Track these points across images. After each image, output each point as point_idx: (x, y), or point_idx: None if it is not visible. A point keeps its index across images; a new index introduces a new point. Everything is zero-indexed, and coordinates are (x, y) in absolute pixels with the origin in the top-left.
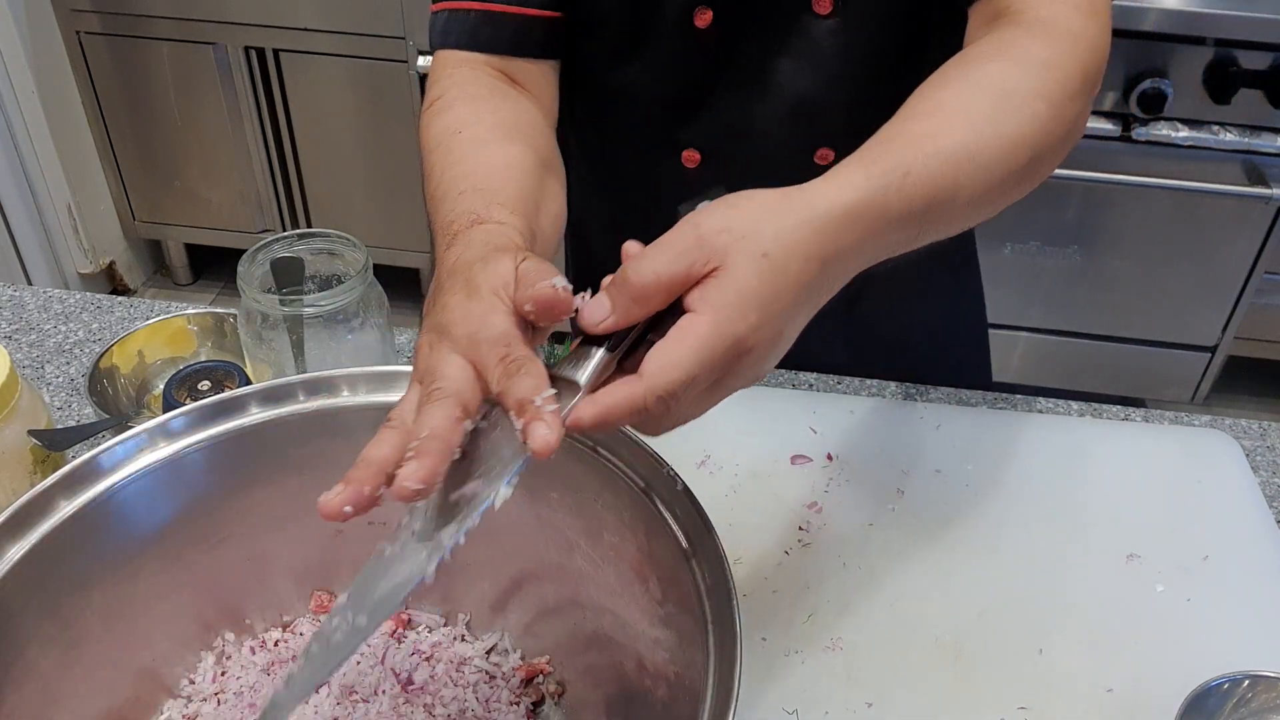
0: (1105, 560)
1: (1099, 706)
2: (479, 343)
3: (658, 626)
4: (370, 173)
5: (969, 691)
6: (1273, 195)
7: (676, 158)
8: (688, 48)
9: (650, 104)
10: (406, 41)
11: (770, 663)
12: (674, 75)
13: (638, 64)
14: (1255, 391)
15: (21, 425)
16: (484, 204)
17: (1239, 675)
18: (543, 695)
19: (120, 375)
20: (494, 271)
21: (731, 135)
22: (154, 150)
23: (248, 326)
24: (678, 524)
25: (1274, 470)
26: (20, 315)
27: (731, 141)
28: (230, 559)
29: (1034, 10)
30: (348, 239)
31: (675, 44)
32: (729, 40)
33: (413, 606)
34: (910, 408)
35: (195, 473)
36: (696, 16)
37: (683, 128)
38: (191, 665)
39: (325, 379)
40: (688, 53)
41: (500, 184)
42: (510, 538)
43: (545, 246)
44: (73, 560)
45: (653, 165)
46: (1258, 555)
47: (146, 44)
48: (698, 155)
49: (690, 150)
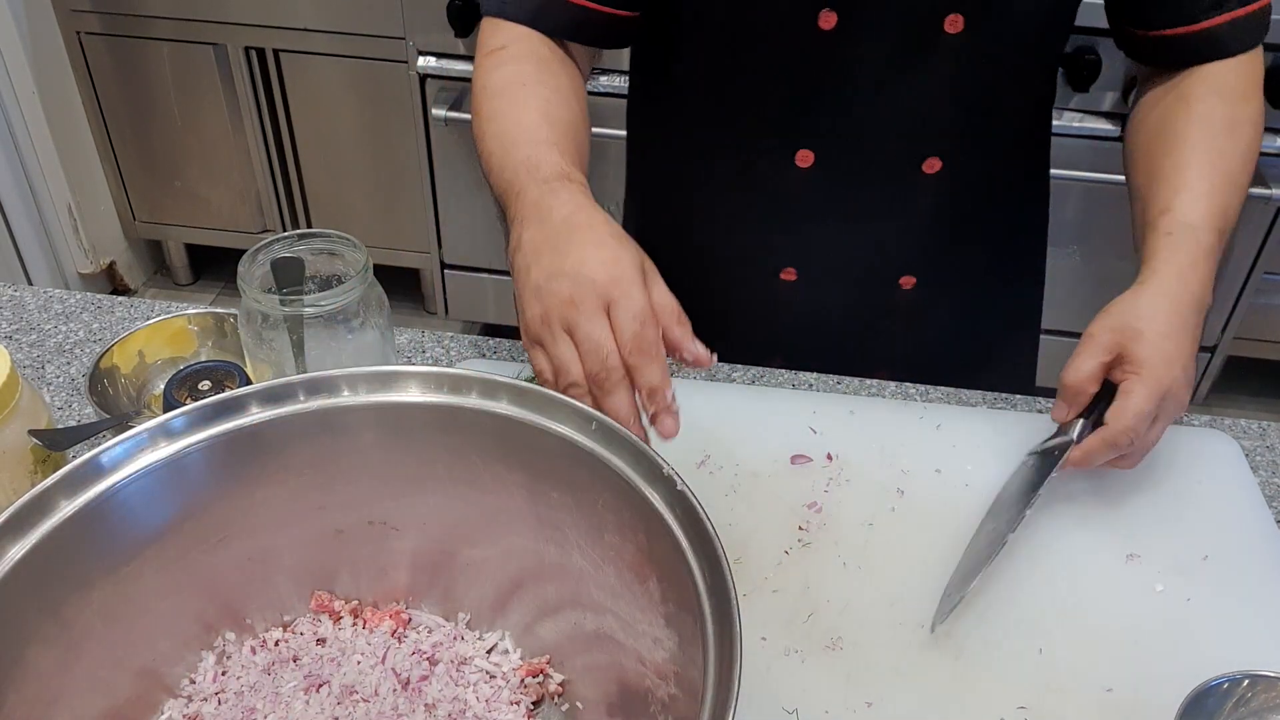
0: (1105, 560)
1: (1099, 706)
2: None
3: (658, 626)
4: (370, 173)
5: (969, 691)
6: (1272, 195)
7: (790, 157)
8: (808, 48)
9: (768, 102)
10: (406, 42)
11: (770, 663)
12: (792, 75)
13: (756, 61)
14: (1255, 391)
15: (22, 425)
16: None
17: (1239, 675)
18: (543, 695)
19: (121, 375)
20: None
21: (845, 139)
22: (154, 150)
23: (248, 326)
24: (678, 524)
25: (1274, 470)
26: (21, 315)
27: (844, 145)
28: (231, 559)
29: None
30: (348, 239)
31: (796, 43)
32: (852, 45)
33: (413, 606)
34: (910, 408)
35: (196, 473)
36: (821, 18)
37: (798, 128)
38: (192, 665)
39: (325, 379)
40: (808, 53)
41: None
42: (510, 538)
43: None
44: (73, 560)
45: (764, 161)
46: (1257, 555)
47: (147, 44)
48: (811, 156)
49: (804, 150)
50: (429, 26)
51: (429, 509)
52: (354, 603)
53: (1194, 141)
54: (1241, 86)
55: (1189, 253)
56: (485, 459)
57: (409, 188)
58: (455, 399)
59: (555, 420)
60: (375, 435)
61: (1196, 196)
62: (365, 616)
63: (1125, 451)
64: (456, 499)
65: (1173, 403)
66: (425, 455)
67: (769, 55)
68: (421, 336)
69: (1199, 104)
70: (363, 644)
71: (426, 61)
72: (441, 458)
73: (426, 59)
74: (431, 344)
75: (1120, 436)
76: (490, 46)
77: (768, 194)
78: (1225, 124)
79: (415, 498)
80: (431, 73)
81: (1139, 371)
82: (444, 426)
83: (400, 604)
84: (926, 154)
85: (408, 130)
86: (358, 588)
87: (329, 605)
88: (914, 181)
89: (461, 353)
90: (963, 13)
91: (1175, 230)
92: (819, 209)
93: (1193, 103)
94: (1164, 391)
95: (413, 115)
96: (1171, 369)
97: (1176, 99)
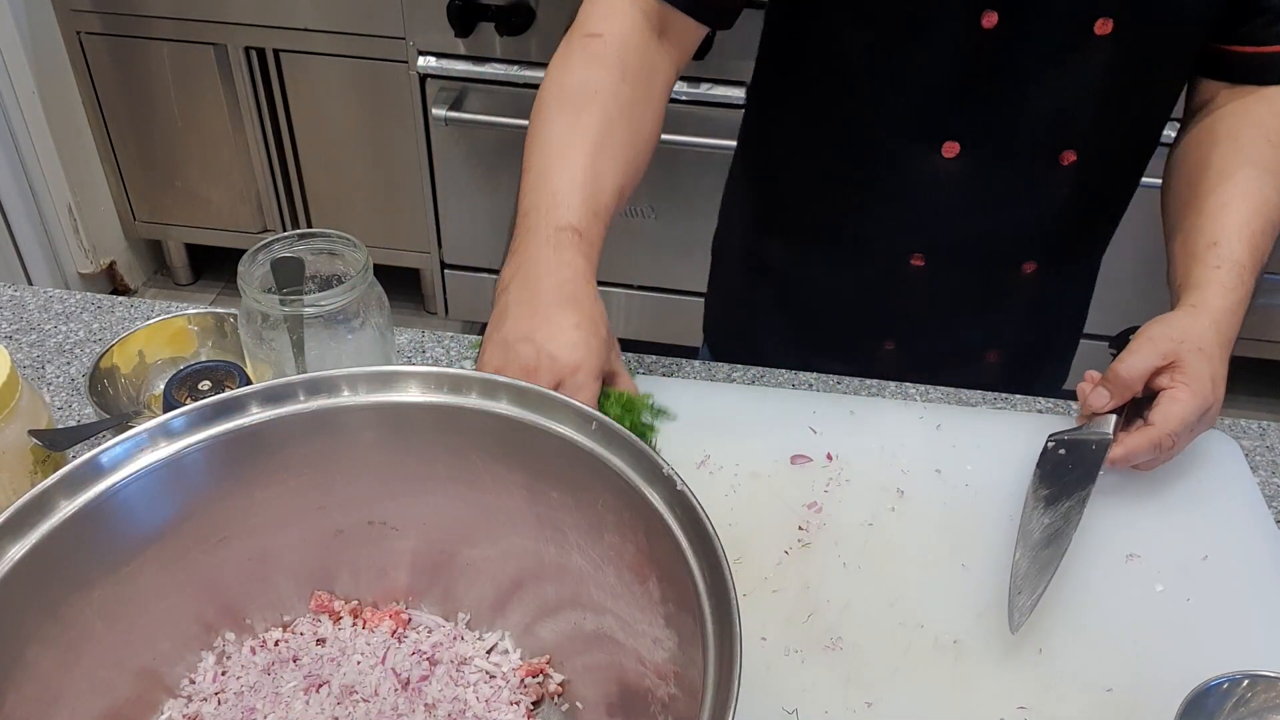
0: (1105, 560)
1: (1099, 706)
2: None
3: (658, 626)
4: (370, 173)
5: (969, 691)
6: None
7: (937, 148)
8: (969, 45)
9: (921, 93)
10: (406, 41)
11: (770, 662)
12: (951, 69)
13: (915, 54)
14: (1255, 391)
15: (22, 425)
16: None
17: (1239, 675)
18: (542, 695)
19: (121, 375)
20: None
21: (991, 132)
22: (154, 150)
23: (248, 326)
24: (678, 524)
25: (1273, 470)
26: (21, 315)
27: (989, 138)
28: (231, 559)
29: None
30: (348, 239)
31: (958, 39)
32: (1008, 43)
33: (413, 606)
34: (910, 408)
35: (195, 473)
36: (984, 17)
37: (949, 120)
38: (192, 665)
39: (325, 379)
40: (968, 50)
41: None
42: (510, 538)
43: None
44: (73, 560)
45: (904, 151)
46: (1257, 555)
47: (147, 44)
48: (957, 147)
49: (951, 142)
50: (429, 26)
51: (429, 509)
52: (354, 603)
53: (1239, 181)
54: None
55: (1236, 291)
56: (485, 459)
57: (409, 188)
58: (455, 399)
59: (555, 420)
60: (375, 435)
61: (1242, 238)
62: (365, 616)
63: (1161, 455)
64: (456, 499)
65: (1206, 421)
66: (425, 455)
67: (928, 50)
68: (421, 336)
69: (1249, 146)
70: (362, 644)
71: (427, 61)
72: (441, 458)
73: (427, 59)
74: (431, 344)
75: (1166, 439)
76: (585, 29)
77: (907, 183)
78: (1271, 169)
79: (415, 498)
80: (432, 73)
81: (1190, 383)
82: (444, 426)
83: (400, 604)
84: (1064, 148)
85: (408, 130)
86: (358, 588)
87: (329, 605)
88: (1050, 172)
89: (461, 353)
90: (1112, 16)
91: (1224, 265)
92: (955, 199)
93: (1242, 143)
94: (1206, 407)
95: (413, 115)
96: (1217, 388)
97: (1225, 135)
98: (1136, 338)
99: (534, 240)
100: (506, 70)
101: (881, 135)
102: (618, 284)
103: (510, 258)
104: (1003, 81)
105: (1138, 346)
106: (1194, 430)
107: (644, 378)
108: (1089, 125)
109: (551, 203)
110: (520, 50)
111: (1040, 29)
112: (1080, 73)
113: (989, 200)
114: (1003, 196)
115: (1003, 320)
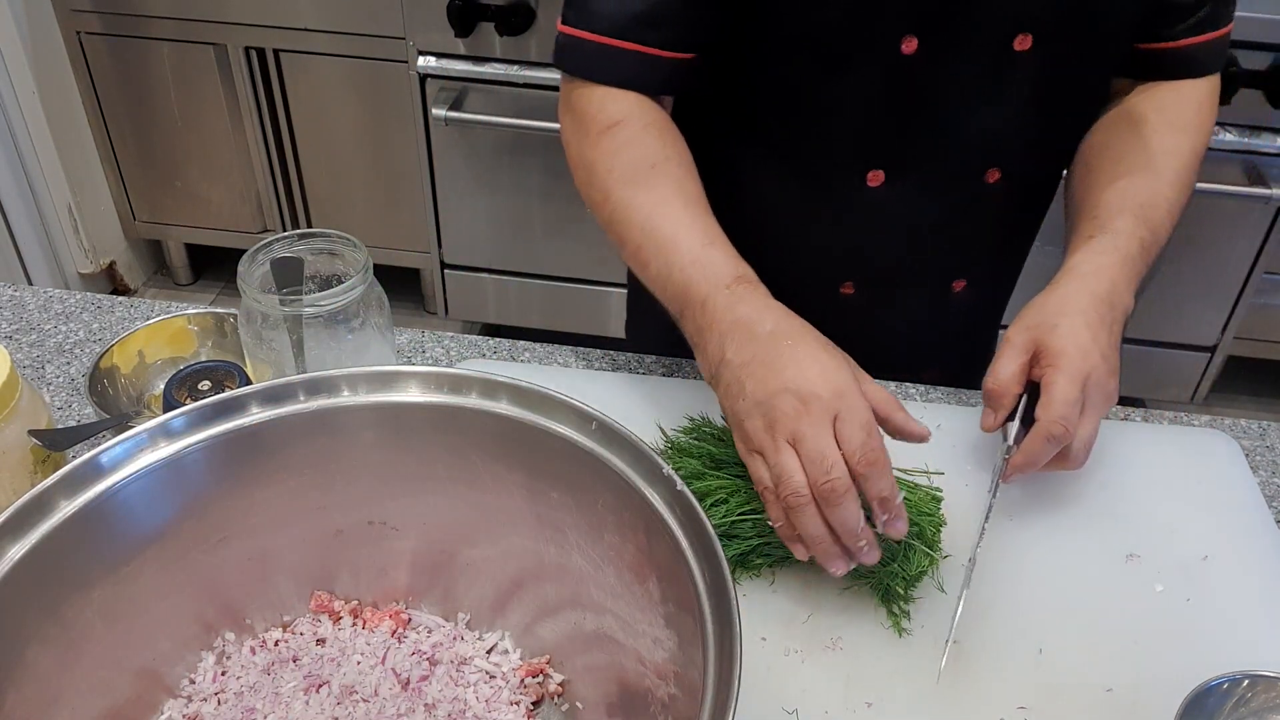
0: (1105, 560)
1: (1099, 706)
2: (844, 414)
3: (658, 626)
4: (370, 173)
5: (969, 691)
6: (1272, 195)
7: (861, 177)
8: (891, 72)
9: (846, 123)
10: (407, 41)
11: (770, 662)
12: (874, 98)
13: (841, 85)
14: (1255, 391)
15: (22, 425)
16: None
17: (1238, 675)
18: (542, 695)
19: (120, 375)
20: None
21: (915, 157)
22: (154, 150)
23: (248, 326)
24: (678, 524)
25: (1273, 470)
26: (21, 315)
27: (914, 163)
28: (230, 559)
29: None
30: (348, 239)
31: (880, 68)
32: (931, 68)
33: (412, 606)
34: (910, 408)
35: (195, 473)
36: (904, 43)
37: (872, 149)
38: (192, 665)
39: (325, 379)
40: (890, 77)
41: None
42: (510, 538)
43: None
44: (73, 560)
45: (834, 181)
46: (1257, 555)
47: (147, 44)
48: (882, 175)
49: (875, 170)
50: (429, 26)
51: (429, 509)
52: (354, 603)
53: (1131, 162)
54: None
55: (1106, 254)
56: (485, 459)
57: (409, 187)
58: (455, 399)
59: (555, 420)
60: (375, 435)
61: (1122, 210)
62: (365, 617)
63: (1062, 444)
64: (456, 499)
65: (1098, 392)
66: (425, 455)
67: (849, 81)
68: (421, 336)
69: (1148, 130)
70: (362, 644)
71: (427, 61)
72: (441, 458)
73: (427, 59)
74: (431, 344)
75: (1053, 427)
76: (603, 121)
77: (834, 212)
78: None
79: (415, 498)
80: (432, 72)
81: (1056, 363)
82: (444, 426)
83: (400, 604)
84: (990, 166)
85: (408, 130)
86: (357, 588)
87: (329, 605)
88: (976, 192)
89: (461, 353)
90: (1031, 31)
91: (1097, 234)
92: (883, 224)
93: (1142, 128)
94: (1084, 378)
95: (413, 115)
96: (1089, 357)
97: (1127, 121)
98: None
99: (718, 309)
100: (507, 70)
101: (806, 167)
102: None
103: (706, 340)
104: (928, 107)
105: (999, 352)
106: (1089, 409)
107: (643, 378)
108: (1015, 143)
109: (702, 274)
110: (520, 50)
111: (961, 51)
112: (1004, 91)
113: (916, 224)
114: (929, 219)
115: (937, 339)
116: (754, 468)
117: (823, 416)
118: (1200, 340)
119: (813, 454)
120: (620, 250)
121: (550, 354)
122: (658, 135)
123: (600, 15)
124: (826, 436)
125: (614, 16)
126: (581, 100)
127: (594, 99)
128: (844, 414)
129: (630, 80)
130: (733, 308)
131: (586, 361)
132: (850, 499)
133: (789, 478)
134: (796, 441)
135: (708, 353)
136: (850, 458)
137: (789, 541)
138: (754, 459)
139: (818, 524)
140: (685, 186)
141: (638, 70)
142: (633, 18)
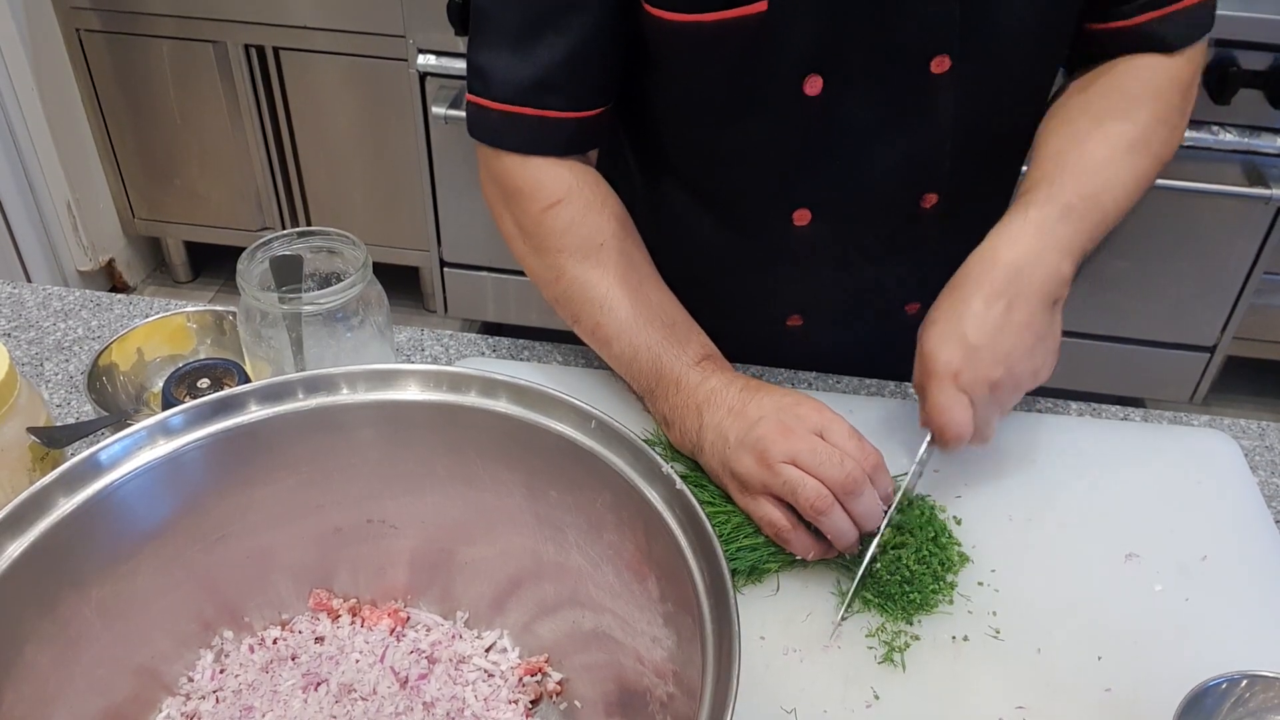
0: (1105, 560)
1: (1098, 706)
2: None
3: (656, 625)
4: (370, 171)
5: (969, 691)
6: (1272, 195)
7: (786, 218)
8: (797, 114)
9: (760, 166)
10: (407, 40)
11: (769, 662)
12: (784, 140)
13: (747, 128)
14: (1254, 391)
15: (20, 423)
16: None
17: (1237, 675)
18: (541, 694)
19: (119, 373)
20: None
21: (842, 192)
22: (154, 148)
23: (247, 324)
24: (677, 523)
25: (1273, 470)
26: (19, 312)
27: (841, 197)
28: (229, 557)
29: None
30: (347, 237)
31: (784, 110)
32: (841, 105)
33: (411, 605)
34: (910, 408)
35: (194, 470)
36: (806, 84)
37: (793, 188)
38: (190, 663)
39: (324, 377)
40: (797, 118)
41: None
42: (509, 536)
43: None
44: (71, 558)
45: (762, 222)
46: (1257, 555)
47: (146, 42)
48: (808, 214)
49: (801, 210)
50: (429, 25)
51: (428, 508)
52: (352, 601)
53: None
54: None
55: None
56: (485, 458)
57: (409, 186)
58: (454, 397)
59: (554, 419)
60: (374, 433)
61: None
62: (364, 615)
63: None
64: (455, 497)
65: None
66: (424, 454)
67: (757, 127)
68: (421, 334)
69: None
70: (361, 642)
71: (426, 59)
72: (440, 456)
73: (426, 57)
74: (431, 342)
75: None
76: (543, 199)
77: (767, 251)
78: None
79: (414, 496)
80: (431, 71)
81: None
82: (443, 425)
83: (399, 602)
84: (924, 191)
85: (408, 128)
86: (356, 586)
87: (327, 604)
88: (913, 218)
89: (460, 351)
90: (948, 52)
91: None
92: (820, 260)
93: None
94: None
95: (413, 113)
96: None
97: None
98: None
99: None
100: None
101: (731, 211)
102: None
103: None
104: (844, 142)
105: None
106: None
107: None
108: (945, 166)
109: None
110: None
111: (870, 84)
112: (927, 116)
113: (854, 257)
114: (868, 250)
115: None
116: (761, 511)
117: (808, 434)
118: (1200, 340)
119: (819, 459)
120: (574, 325)
121: (549, 352)
122: (599, 209)
123: (496, 83)
124: (822, 444)
125: (508, 84)
126: (509, 175)
127: (526, 175)
128: (827, 428)
129: (537, 144)
130: (704, 382)
131: (586, 360)
132: (868, 486)
133: (804, 486)
134: (794, 458)
135: (685, 427)
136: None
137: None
138: (757, 503)
139: (845, 519)
140: (635, 261)
141: (543, 133)
142: (528, 85)
